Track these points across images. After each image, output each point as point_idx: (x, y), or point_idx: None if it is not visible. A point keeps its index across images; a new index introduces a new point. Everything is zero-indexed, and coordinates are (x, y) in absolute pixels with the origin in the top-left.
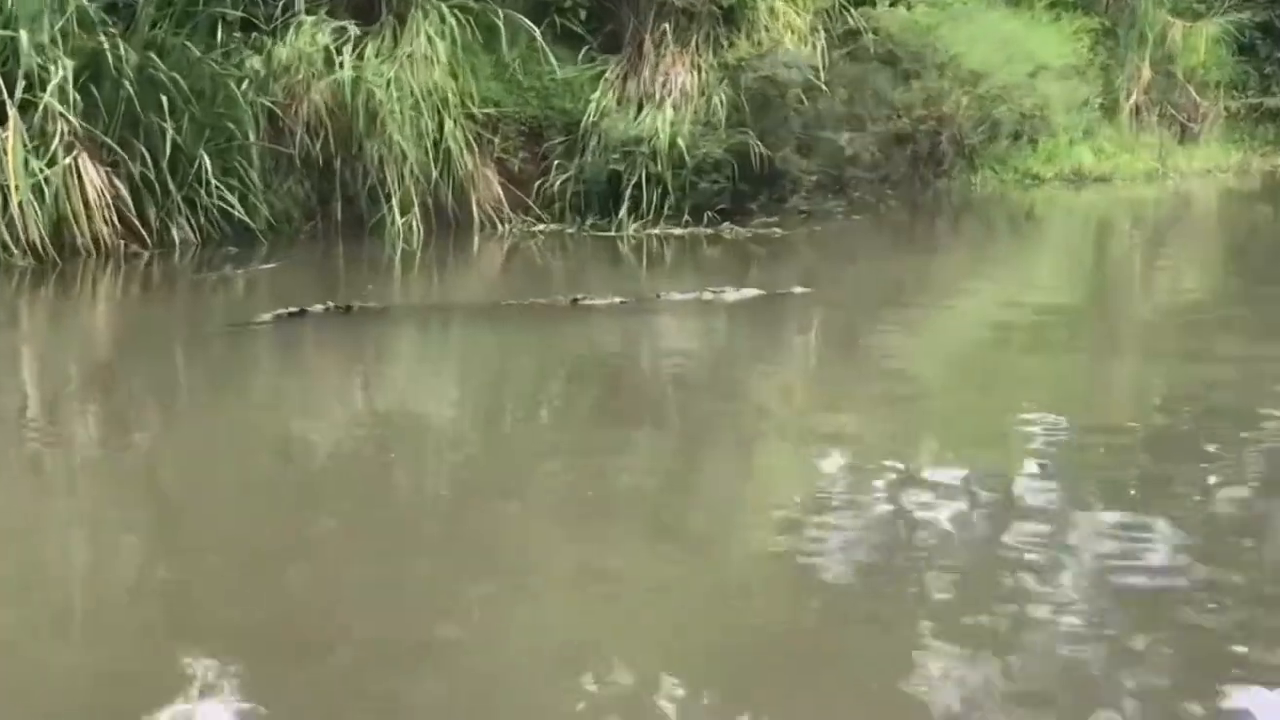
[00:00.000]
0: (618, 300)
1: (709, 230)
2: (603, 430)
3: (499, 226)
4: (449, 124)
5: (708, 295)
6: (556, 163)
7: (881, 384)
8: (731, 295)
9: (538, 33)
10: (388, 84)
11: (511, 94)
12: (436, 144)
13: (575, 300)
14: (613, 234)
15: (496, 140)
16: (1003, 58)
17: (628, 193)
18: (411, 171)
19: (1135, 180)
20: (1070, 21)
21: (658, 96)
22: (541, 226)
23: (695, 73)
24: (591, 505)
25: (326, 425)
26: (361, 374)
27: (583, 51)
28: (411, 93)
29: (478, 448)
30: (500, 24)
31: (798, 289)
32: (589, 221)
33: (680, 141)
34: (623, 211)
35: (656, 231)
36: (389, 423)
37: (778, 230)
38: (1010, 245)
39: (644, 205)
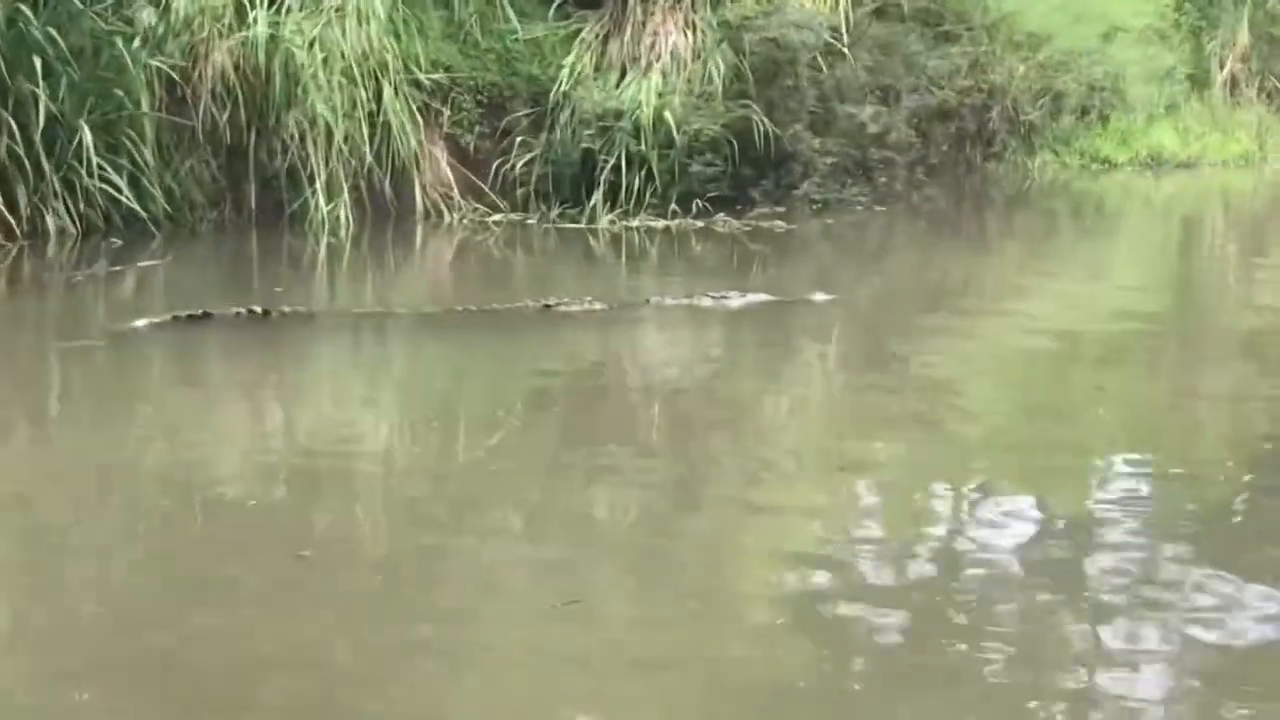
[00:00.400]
0: (597, 306)
1: (699, 222)
2: (579, 468)
3: (447, 215)
4: (388, 92)
5: (706, 301)
6: (520, 140)
7: (919, 410)
8: (736, 301)
9: None
10: (310, 44)
11: (467, 57)
12: (373, 116)
13: (546, 305)
14: (584, 226)
15: (447, 112)
16: (1068, 18)
17: (604, 177)
18: (340, 149)
19: (1227, 166)
20: None
21: (644, 61)
22: (498, 216)
23: (689, 33)
24: (563, 567)
25: (224, 459)
26: (274, 395)
27: (554, 8)
28: (341, 55)
29: (416, 490)
30: None
31: (818, 295)
32: (556, 211)
33: (668, 116)
34: (595, 198)
35: (635, 224)
36: (306, 457)
37: (781, 224)
38: (1075, 243)
39: (624, 192)
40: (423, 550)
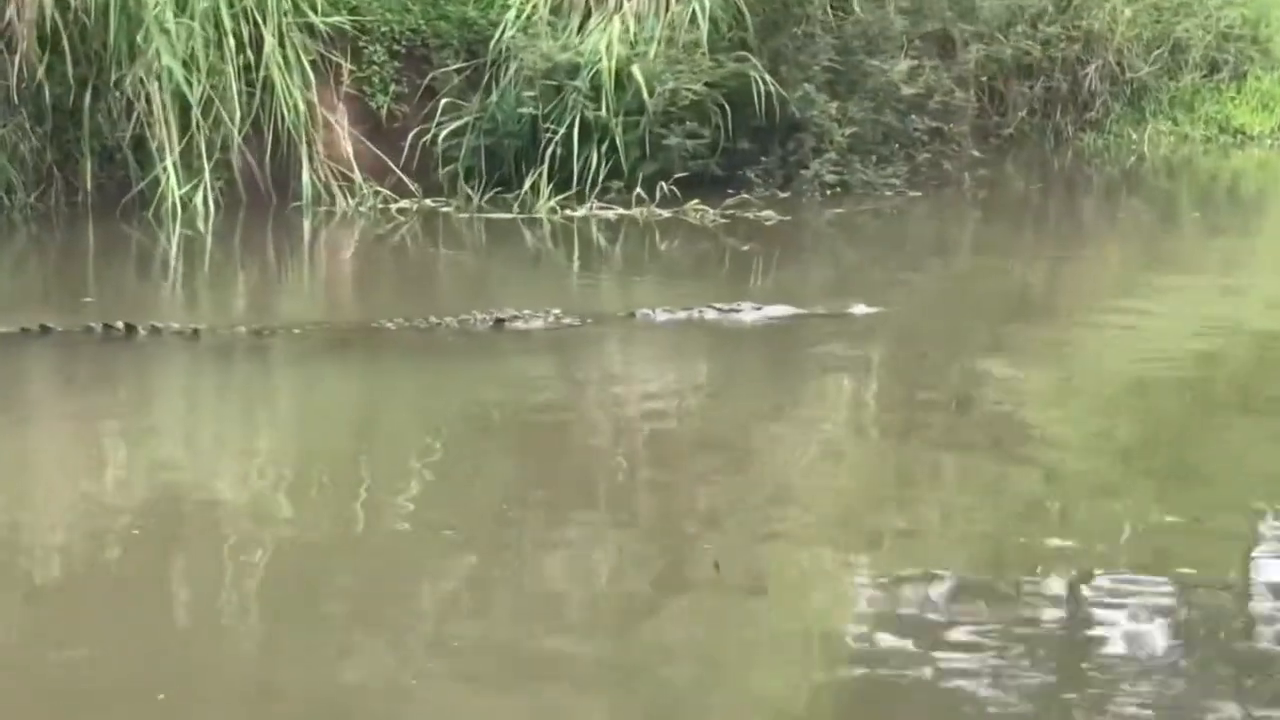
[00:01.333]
0: (565, 320)
1: (664, 212)
2: (547, 541)
3: (341, 201)
4: (269, 40)
5: (711, 314)
6: (445, 102)
7: (994, 457)
8: (750, 315)
9: None
10: None
11: None
12: (249, 71)
13: (498, 320)
14: (517, 215)
15: (348, 67)
16: None
17: (548, 152)
18: (200, 116)
19: None
20: None
21: (612, 3)
22: (406, 203)
23: None
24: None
25: (48, 523)
26: (119, 438)
27: None
28: None
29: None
30: None
31: (857, 308)
32: (485, 196)
33: (636, 72)
34: (533, 178)
35: (582, 212)
36: (152, 517)
37: (772, 214)
38: (1200, 238)
39: (577, 173)
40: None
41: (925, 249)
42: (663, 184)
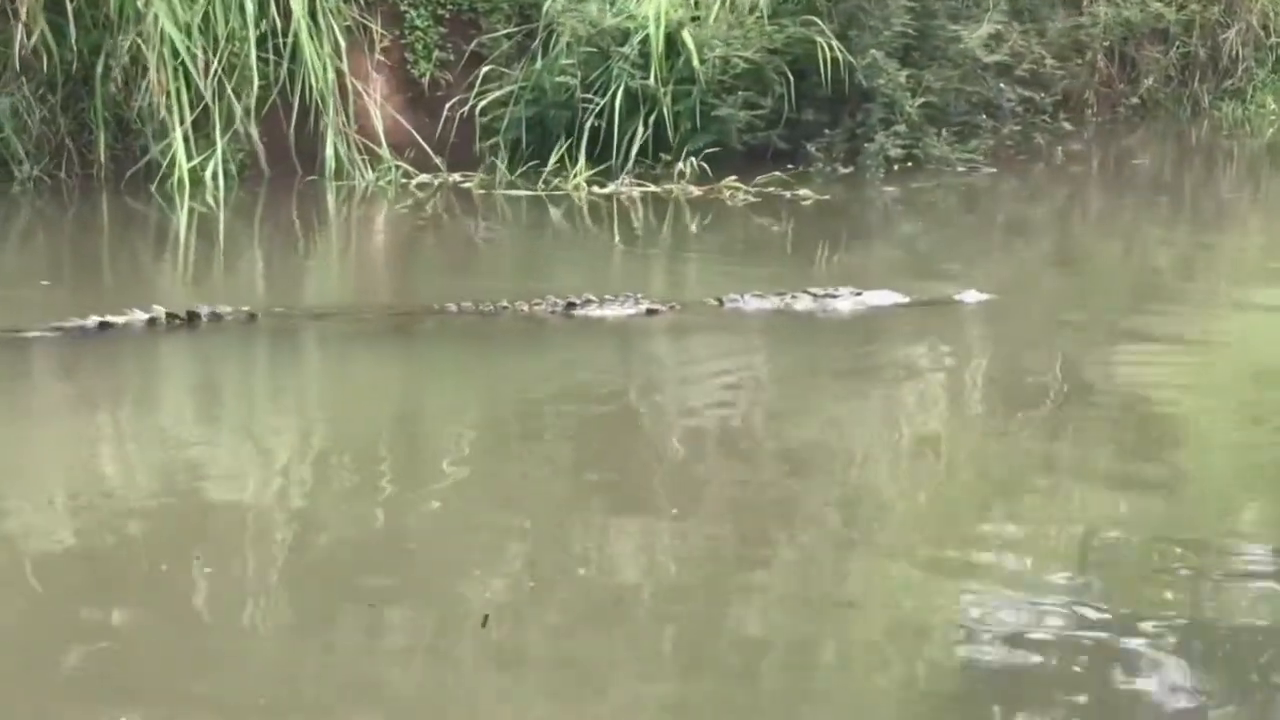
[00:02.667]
0: (646, 307)
1: (696, 189)
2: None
3: (361, 176)
4: (298, 6)
5: (804, 301)
6: (487, 70)
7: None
8: (847, 302)
9: None
10: None
11: None
12: (278, 38)
13: (570, 305)
14: (541, 191)
15: (379, 33)
16: None
17: (586, 124)
18: (215, 85)
19: None
20: None
21: None
22: (428, 177)
23: None
24: None
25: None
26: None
27: None
28: None
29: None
30: None
31: (969, 294)
32: (522, 170)
33: (687, 37)
34: (557, 155)
35: (608, 190)
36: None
37: (809, 193)
38: None
39: (618, 145)
40: None
41: (991, 232)
42: (694, 160)
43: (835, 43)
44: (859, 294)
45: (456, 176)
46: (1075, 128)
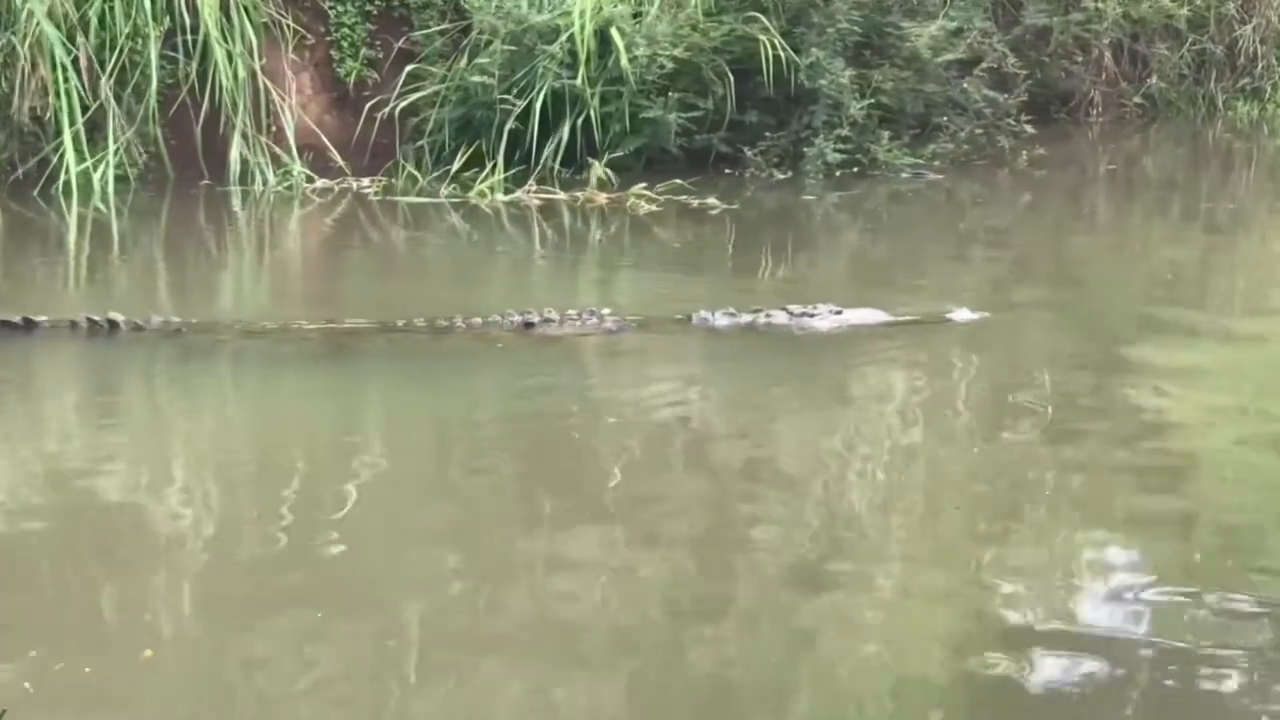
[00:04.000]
0: (610, 324)
1: (603, 196)
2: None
3: (260, 179)
4: (205, 4)
5: (779, 318)
6: (411, 69)
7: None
8: (828, 321)
9: None
10: None
11: None
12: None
13: (528, 323)
14: (444, 199)
15: (291, 31)
16: None
17: (507, 127)
18: (106, 84)
19: None
20: None
21: None
22: (325, 183)
23: None
24: None
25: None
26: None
27: None
28: None
29: None
30: None
31: (960, 313)
32: (431, 175)
33: (615, 35)
34: (461, 159)
35: (507, 198)
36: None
37: (717, 202)
38: None
39: (531, 149)
40: None
41: (931, 242)
42: (600, 168)
43: (779, 40)
44: (839, 312)
45: (365, 181)
46: (1079, 127)
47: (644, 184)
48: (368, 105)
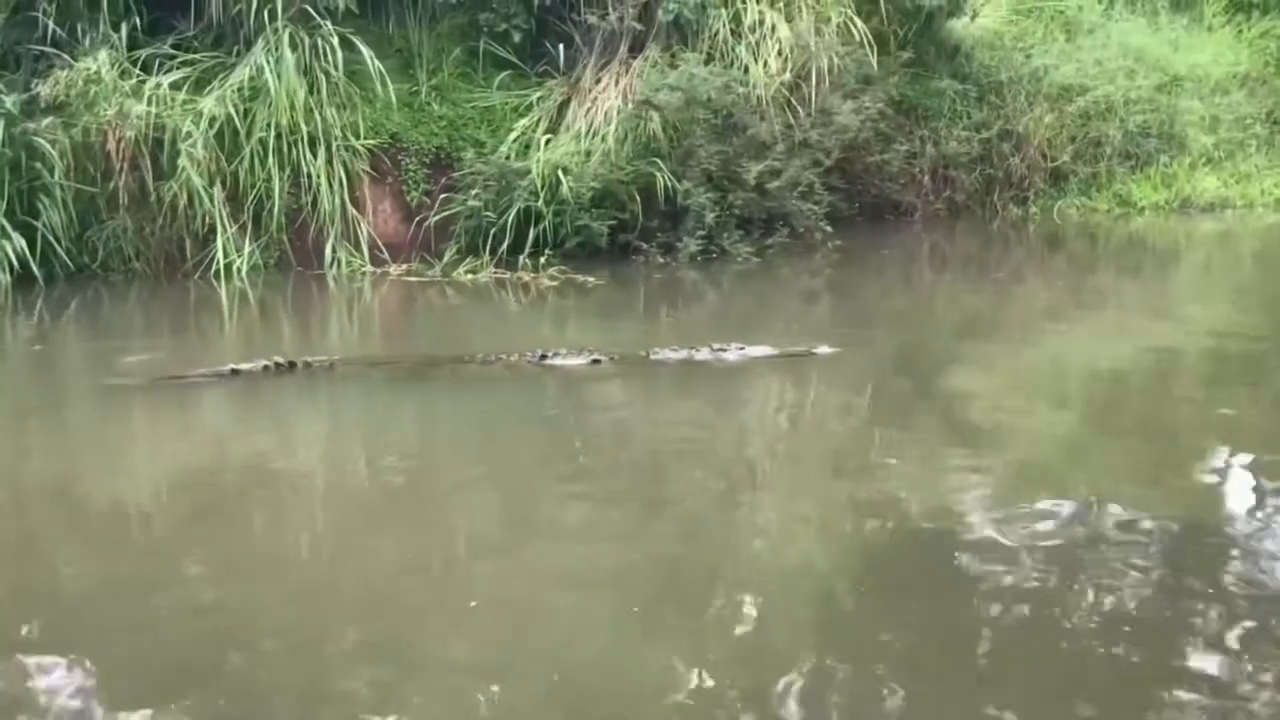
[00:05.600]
0: (592, 359)
1: (526, 275)
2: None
3: (342, 267)
4: (312, 159)
5: (704, 353)
6: (443, 197)
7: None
8: (734, 354)
9: None
10: (194, 119)
11: (418, 124)
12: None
13: (543, 358)
14: (438, 278)
15: (366, 173)
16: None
17: (492, 231)
18: (224, 211)
19: (1259, 209)
20: (1251, 27)
21: (579, 126)
22: (374, 269)
23: (624, 99)
24: None
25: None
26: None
27: (535, 78)
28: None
29: None
30: (417, 50)
31: (821, 348)
32: (446, 262)
33: (561, 175)
34: (452, 249)
35: (475, 275)
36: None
37: (590, 279)
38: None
39: (505, 244)
40: None
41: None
42: (547, 254)
43: (668, 174)
44: (743, 348)
45: (401, 268)
46: (904, 224)
47: (562, 267)
48: (417, 220)
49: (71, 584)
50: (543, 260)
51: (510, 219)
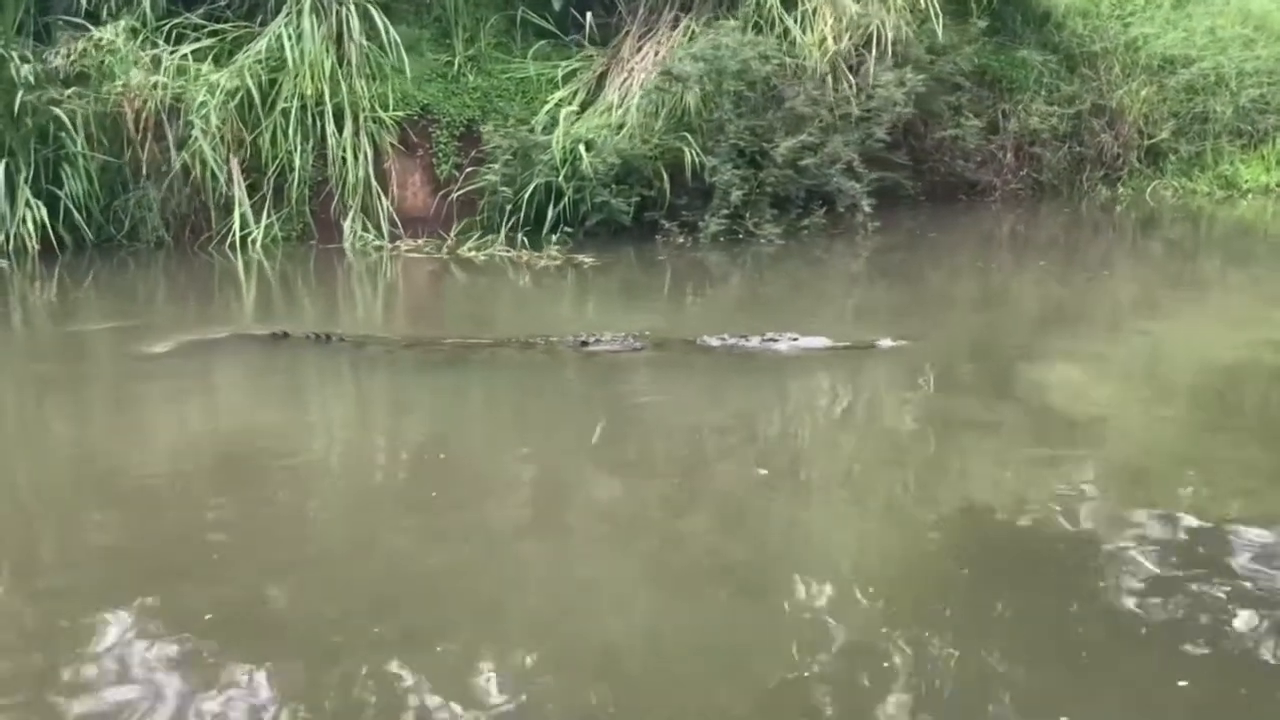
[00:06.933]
0: (635, 345)
1: (529, 253)
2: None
3: (357, 242)
4: (348, 128)
5: (752, 343)
6: (468, 171)
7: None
8: (786, 345)
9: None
10: (209, 89)
11: (451, 96)
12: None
13: (584, 343)
14: (445, 255)
15: (392, 144)
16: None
17: (509, 208)
18: (270, 181)
19: None
20: None
21: (613, 98)
22: (387, 243)
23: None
24: None
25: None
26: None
27: (574, 48)
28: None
29: None
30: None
31: (884, 341)
32: (465, 241)
33: (582, 150)
34: (458, 228)
35: (477, 253)
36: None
37: (588, 259)
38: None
39: (520, 220)
40: None
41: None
42: (555, 233)
43: (696, 149)
44: (796, 339)
45: (412, 244)
46: (983, 204)
47: (560, 247)
48: (443, 194)
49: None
50: (554, 239)
51: (527, 195)
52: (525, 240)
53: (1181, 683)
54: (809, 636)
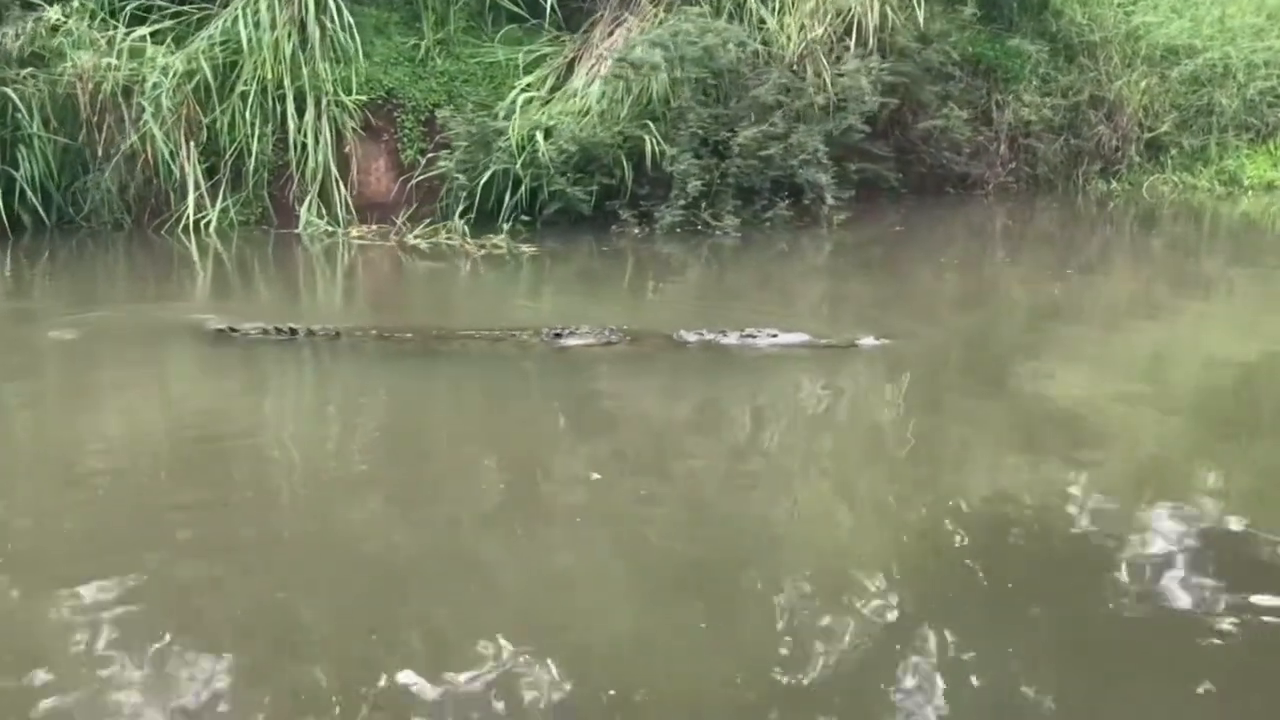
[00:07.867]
0: (608, 337)
1: (466, 241)
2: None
3: (314, 228)
4: (299, 114)
5: (732, 338)
6: (429, 157)
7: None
8: (765, 341)
9: None
10: (162, 72)
11: (416, 80)
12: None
13: (558, 335)
14: (392, 242)
15: (355, 129)
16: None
17: (462, 194)
18: (227, 165)
19: None
20: None
21: (579, 85)
22: (358, 230)
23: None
24: None
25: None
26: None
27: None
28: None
29: None
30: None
31: (866, 339)
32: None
33: (538, 137)
34: (405, 214)
35: (433, 240)
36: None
37: (526, 248)
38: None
39: (477, 209)
40: None
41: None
42: (508, 222)
43: (657, 138)
44: (775, 335)
45: (363, 229)
46: (973, 198)
47: (503, 237)
48: (404, 179)
49: None
50: (505, 227)
51: (482, 182)
52: (476, 228)
53: (1193, 688)
54: (788, 635)
